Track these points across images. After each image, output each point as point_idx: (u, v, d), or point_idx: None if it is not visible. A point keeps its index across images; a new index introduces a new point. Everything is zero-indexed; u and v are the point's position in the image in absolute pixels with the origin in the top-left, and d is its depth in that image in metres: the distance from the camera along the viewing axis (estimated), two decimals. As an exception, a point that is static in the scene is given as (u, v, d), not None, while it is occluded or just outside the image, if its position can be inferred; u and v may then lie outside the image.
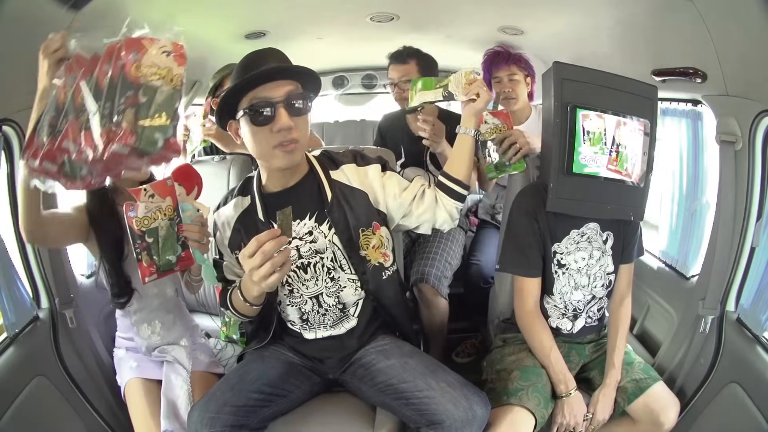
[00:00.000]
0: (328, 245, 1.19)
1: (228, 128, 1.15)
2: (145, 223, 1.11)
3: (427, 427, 1.05)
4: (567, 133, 1.21)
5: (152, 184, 1.13)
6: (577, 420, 1.26)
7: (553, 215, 1.30)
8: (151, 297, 1.36)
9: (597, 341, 1.44)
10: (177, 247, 1.16)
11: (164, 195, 1.13)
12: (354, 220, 1.19)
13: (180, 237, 1.15)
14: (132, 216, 1.10)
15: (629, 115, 1.24)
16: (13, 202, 1.32)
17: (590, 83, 1.23)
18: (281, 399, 1.16)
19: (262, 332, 1.28)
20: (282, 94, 1.06)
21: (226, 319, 1.68)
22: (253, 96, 1.06)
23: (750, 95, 1.22)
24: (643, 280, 1.78)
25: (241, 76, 1.08)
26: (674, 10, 1.25)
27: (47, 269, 1.37)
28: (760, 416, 1.20)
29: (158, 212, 1.12)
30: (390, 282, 1.25)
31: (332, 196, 1.19)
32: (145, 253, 1.12)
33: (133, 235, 1.11)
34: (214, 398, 1.10)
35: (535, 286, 1.33)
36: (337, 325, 1.23)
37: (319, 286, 1.20)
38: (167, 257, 1.15)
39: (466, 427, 1.03)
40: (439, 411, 1.02)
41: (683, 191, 1.66)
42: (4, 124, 1.21)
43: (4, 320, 1.28)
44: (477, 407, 1.04)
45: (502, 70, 1.92)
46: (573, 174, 1.22)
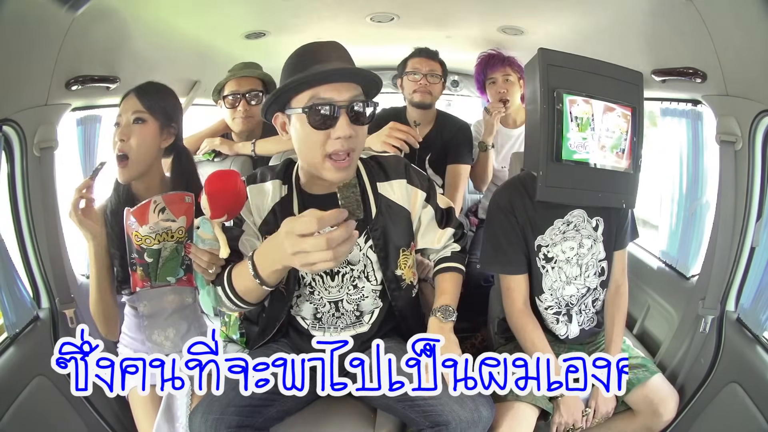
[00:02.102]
0: (361, 258, 1.17)
1: (273, 120, 1.06)
2: (147, 242, 0.96)
3: (431, 428, 1.04)
4: (554, 119, 1.18)
5: (165, 197, 0.97)
6: (576, 417, 1.26)
7: (532, 207, 1.29)
8: (167, 303, 1.30)
9: (595, 339, 1.44)
10: (179, 271, 1.03)
11: (178, 213, 0.97)
12: (396, 238, 1.17)
13: (185, 260, 1.01)
14: (132, 227, 0.96)
15: (616, 100, 1.23)
16: (14, 202, 1.32)
17: (576, 69, 1.22)
18: (285, 398, 1.13)
19: (269, 329, 1.25)
20: (346, 98, 0.97)
21: (225, 318, 1.67)
22: (314, 94, 0.97)
23: (750, 95, 1.22)
24: (643, 280, 1.78)
25: (300, 69, 0.97)
26: (674, 10, 1.25)
27: (47, 269, 1.37)
28: (760, 416, 1.20)
29: (165, 234, 0.96)
30: (416, 299, 1.27)
31: (377, 212, 1.15)
32: (141, 269, 1.00)
33: (130, 246, 0.98)
34: (217, 399, 1.04)
35: (521, 283, 1.32)
36: (349, 328, 1.22)
37: (341, 292, 1.19)
38: (165, 278, 1.03)
39: (471, 427, 1.02)
40: (445, 412, 1.02)
41: (683, 191, 1.65)
42: (4, 124, 1.21)
43: (4, 320, 1.28)
44: (483, 408, 1.03)
45: (497, 71, 1.98)
46: (562, 161, 1.20)
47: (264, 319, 1.28)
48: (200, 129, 1.94)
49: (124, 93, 1.22)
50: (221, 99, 1.78)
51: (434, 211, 1.23)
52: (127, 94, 1.20)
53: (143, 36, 1.59)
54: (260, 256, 0.92)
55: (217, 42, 1.96)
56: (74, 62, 1.34)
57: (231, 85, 1.74)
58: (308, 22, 1.92)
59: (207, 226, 0.96)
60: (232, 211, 0.98)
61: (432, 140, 1.92)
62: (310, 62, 0.98)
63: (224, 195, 0.94)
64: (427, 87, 1.86)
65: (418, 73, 1.87)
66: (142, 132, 1.16)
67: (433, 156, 1.93)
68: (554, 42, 1.88)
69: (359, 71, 1.02)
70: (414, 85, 1.87)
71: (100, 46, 1.42)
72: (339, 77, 0.98)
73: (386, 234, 1.16)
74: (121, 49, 1.53)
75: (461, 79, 2.95)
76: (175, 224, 0.96)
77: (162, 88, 1.25)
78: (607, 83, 1.23)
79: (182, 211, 0.97)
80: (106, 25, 1.37)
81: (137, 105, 1.17)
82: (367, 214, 1.15)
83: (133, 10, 1.44)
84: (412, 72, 1.89)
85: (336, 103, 0.97)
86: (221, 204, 0.94)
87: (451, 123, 1.97)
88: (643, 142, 1.28)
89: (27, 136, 1.28)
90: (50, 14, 1.16)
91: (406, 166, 1.22)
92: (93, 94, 1.52)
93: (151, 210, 0.94)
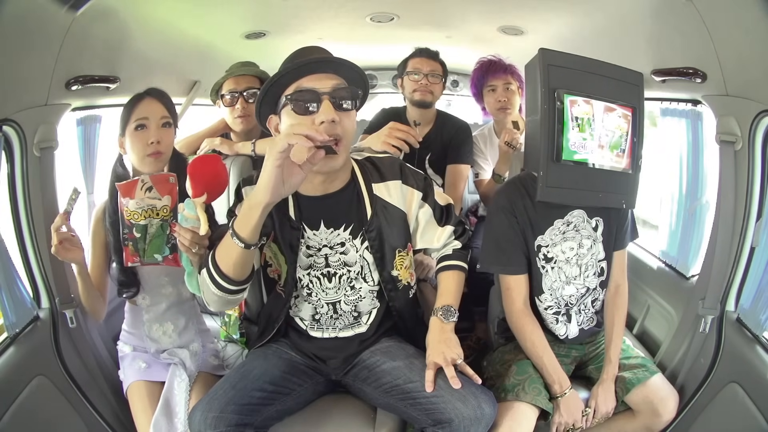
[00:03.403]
0: (357, 259, 1.18)
1: (268, 124, 1.10)
2: (135, 217, 1.06)
3: (433, 426, 1.04)
4: (555, 119, 1.19)
5: (152, 177, 1.06)
6: (575, 417, 1.26)
7: (532, 207, 1.29)
8: (165, 296, 1.35)
9: (595, 339, 1.44)
10: (165, 249, 1.10)
11: (163, 192, 1.06)
12: (392, 240, 1.18)
13: (171, 239, 1.09)
14: (123, 202, 1.05)
15: (617, 100, 1.23)
16: (14, 202, 1.32)
17: (577, 69, 1.22)
18: (284, 397, 1.15)
19: (269, 330, 1.26)
20: (329, 86, 1.02)
21: (225, 318, 1.68)
22: (298, 86, 1.02)
23: (750, 95, 1.22)
24: (643, 280, 1.78)
25: (287, 68, 1.03)
26: (674, 10, 1.25)
27: (47, 269, 1.37)
28: (760, 416, 1.20)
29: (151, 211, 1.06)
30: (413, 299, 1.26)
31: (372, 213, 1.16)
32: (131, 243, 1.09)
33: (122, 221, 1.07)
34: (217, 397, 1.06)
35: (521, 283, 1.32)
36: (347, 329, 1.23)
37: (338, 294, 1.20)
38: (153, 255, 1.11)
39: (474, 425, 1.02)
40: (448, 409, 1.02)
41: (683, 191, 1.65)
42: (4, 124, 1.21)
43: (4, 320, 1.28)
44: (485, 405, 1.03)
45: (498, 78, 1.91)
46: (563, 161, 1.20)
47: (263, 320, 1.29)
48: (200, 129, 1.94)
49: (136, 95, 1.29)
50: (219, 98, 1.78)
51: (433, 209, 1.23)
52: (142, 98, 1.28)
53: (143, 36, 1.59)
54: (240, 215, 0.98)
55: (217, 42, 1.96)
56: (74, 62, 1.34)
57: (229, 83, 1.74)
58: (308, 22, 1.93)
59: (191, 206, 1.03)
60: (212, 191, 1.05)
61: (432, 140, 1.92)
62: (292, 60, 1.05)
63: (204, 175, 1.03)
64: (427, 87, 1.85)
65: (419, 72, 1.86)
66: (170, 134, 1.30)
67: (433, 156, 1.93)
68: (554, 42, 1.88)
69: (337, 59, 1.05)
70: (414, 84, 1.87)
71: (100, 46, 1.42)
72: (319, 67, 1.03)
73: (382, 235, 1.16)
74: (121, 49, 1.53)
75: (461, 79, 2.95)
76: (160, 203, 1.05)
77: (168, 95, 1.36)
78: (607, 83, 1.23)
79: (167, 191, 1.05)
80: (106, 25, 1.37)
81: (164, 111, 1.28)
82: (362, 216, 1.16)
83: (134, 10, 1.44)
84: (413, 72, 1.88)
85: (317, 90, 1.01)
86: (201, 183, 1.02)
87: (451, 123, 1.96)
88: (643, 142, 1.28)
89: (27, 136, 1.28)
90: (50, 14, 1.16)
91: (401, 166, 1.22)
92: (93, 94, 1.52)
93: (139, 187, 1.03)
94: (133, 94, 1.30)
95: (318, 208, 1.14)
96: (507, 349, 1.41)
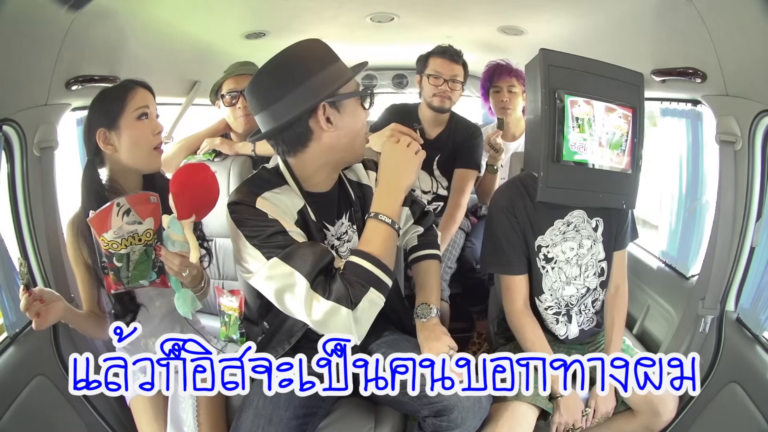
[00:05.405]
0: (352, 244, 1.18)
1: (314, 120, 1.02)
2: (114, 247, 0.91)
3: (434, 417, 1.05)
4: (555, 119, 1.19)
5: (129, 198, 0.89)
6: (575, 417, 1.26)
7: (532, 207, 1.29)
8: (157, 308, 1.29)
9: (595, 339, 1.44)
10: (151, 274, 0.96)
11: (144, 214, 0.89)
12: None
13: (157, 262, 0.96)
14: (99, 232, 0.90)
15: (617, 100, 1.23)
16: (14, 202, 1.32)
17: (577, 70, 1.22)
18: (314, 418, 1.14)
19: (284, 342, 1.17)
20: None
21: (225, 318, 1.68)
22: (358, 84, 1.06)
23: (750, 95, 1.22)
24: (643, 280, 1.78)
25: (324, 66, 1.02)
26: (674, 10, 1.25)
27: (47, 269, 1.37)
28: (760, 416, 1.20)
29: (132, 238, 0.90)
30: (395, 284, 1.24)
31: (354, 195, 1.18)
32: (113, 273, 0.95)
33: (99, 250, 0.93)
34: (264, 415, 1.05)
35: (521, 283, 1.32)
36: None
37: None
38: (138, 281, 0.98)
39: (471, 415, 1.04)
40: (449, 400, 1.03)
41: (683, 191, 1.66)
42: (4, 123, 1.21)
43: (4, 320, 1.28)
44: (483, 398, 1.06)
45: (503, 80, 2.03)
46: (563, 162, 1.20)
47: (273, 327, 1.22)
48: (200, 129, 1.94)
49: (125, 83, 1.17)
50: (218, 98, 1.78)
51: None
52: (134, 87, 1.15)
53: (143, 36, 1.59)
54: (379, 203, 1.03)
55: (217, 42, 1.96)
56: (74, 62, 1.34)
57: (228, 83, 1.74)
58: (308, 22, 1.93)
59: (177, 226, 0.90)
60: (201, 208, 0.90)
61: (443, 142, 1.91)
62: (328, 60, 1.05)
63: (191, 192, 0.88)
64: (447, 93, 1.82)
65: (440, 77, 1.81)
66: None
67: (442, 158, 1.92)
68: (554, 42, 1.89)
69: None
70: (434, 89, 1.83)
71: (100, 46, 1.42)
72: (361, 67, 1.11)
73: (363, 215, 1.16)
74: (122, 49, 1.53)
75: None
76: (141, 227, 0.90)
77: None
78: (607, 84, 1.23)
79: (148, 212, 0.90)
80: (106, 25, 1.37)
81: (153, 101, 1.18)
82: (350, 200, 1.17)
83: (134, 10, 1.44)
84: (434, 75, 1.83)
85: (368, 87, 1.05)
86: (188, 201, 0.87)
87: (464, 127, 1.95)
88: (644, 143, 1.28)
89: (27, 135, 1.28)
90: (50, 14, 1.16)
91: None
92: (93, 94, 1.51)
93: (114, 213, 0.87)
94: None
95: (327, 203, 1.14)
96: (507, 349, 1.40)
